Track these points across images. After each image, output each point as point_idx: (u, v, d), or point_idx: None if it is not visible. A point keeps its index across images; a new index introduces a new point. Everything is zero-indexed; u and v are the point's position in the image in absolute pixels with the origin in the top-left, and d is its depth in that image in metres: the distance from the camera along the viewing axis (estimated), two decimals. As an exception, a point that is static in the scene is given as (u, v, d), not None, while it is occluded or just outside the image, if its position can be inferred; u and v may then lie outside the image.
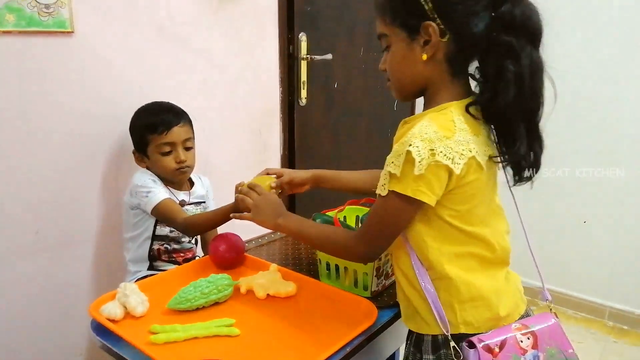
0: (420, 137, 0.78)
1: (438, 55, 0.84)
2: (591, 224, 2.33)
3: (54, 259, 1.41)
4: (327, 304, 1.07)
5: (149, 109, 1.35)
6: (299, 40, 1.94)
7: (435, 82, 0.86)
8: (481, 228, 0.87)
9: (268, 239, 1.48)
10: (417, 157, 0.78)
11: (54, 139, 1.35)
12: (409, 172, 0.79)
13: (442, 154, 0.78)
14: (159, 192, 1.29)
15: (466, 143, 0.81)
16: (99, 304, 1.01)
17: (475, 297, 0.87)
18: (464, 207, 0.85)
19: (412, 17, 0.82)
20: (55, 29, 1.28)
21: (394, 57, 0.88)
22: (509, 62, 0.79)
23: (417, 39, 0.83)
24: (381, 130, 2.55)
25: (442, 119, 0.81)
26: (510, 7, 0.79)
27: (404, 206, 0.83)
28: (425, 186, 0.80)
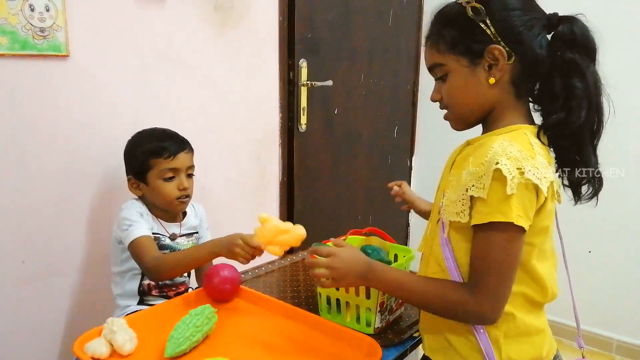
0: (505, 156, 0.75)
1: (504, 78, 0.83)
2: (597, 253, 2.28)
3: (40, 289, 1.34)
4: (328, 342, 1.01)
5: (153, 134, 1.30)
6: (300, 67, 1.92)
7: (501, 106, 0.85)
8: (546, 268, 0.84)
9: (265, 270, 1.42)
10: (508, 174, 0.73)
11: (45, 165, 1.30)
12: (499, 193, 0.74)
13: (530, 173, 0.74)
14: (140, 227, 1.22)
15: (546, 167, 0.78)
16: (84, 340, 0.95)
17: (523, 333, 0.83)
18: (538, 240, 0.81)
19: (475, 42, 0.82)
20: (50, 53, 1.25)
21: (454, 85, 0.86)
22: (576, 79, 0.79)
23: (480, 63, 0.83)
24: (381, 156, 2.53)
25: (520, 140, 0.79)
26: (569, 25, 0.80)
27: (509, 236, 0.76)
28: (521, 209, 0.74)
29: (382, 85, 2.41)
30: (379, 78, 2.37)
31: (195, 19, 1.59)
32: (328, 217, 1.34)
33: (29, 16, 1.19)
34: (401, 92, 2.59)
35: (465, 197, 0.78)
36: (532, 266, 0.81)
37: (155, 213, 1.29)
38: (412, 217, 2.80)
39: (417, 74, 2.63)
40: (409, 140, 2.71)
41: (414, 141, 2.73)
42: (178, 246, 1.30)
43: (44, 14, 1.22)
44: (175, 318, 1.04)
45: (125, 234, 1.20)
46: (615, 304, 2.27)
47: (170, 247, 1.29)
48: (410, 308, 1.17)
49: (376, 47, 2.33)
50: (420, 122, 2.73)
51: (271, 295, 1.21)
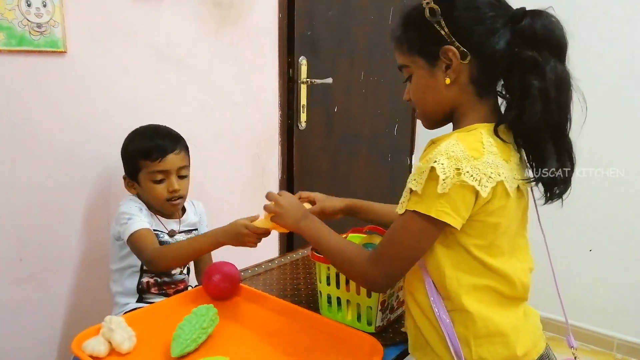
0: (446, 155, 0.75)
1: (462, 78, 0.82)
2: (597, 252, 2.27)
3: (38, 287, 1.33)
4: (328, 341, 1.00)
5: (143, 133, 1.28)
6: (299, 64, 1.91)
7: (462, 105, 0.85)
8: (503, 262, 0.82)
9: (265, 268, 1.41)
10: (441, 174, 0.74)
11: (42, 163, 1.29)
12: (431, 190, 0.75)
13: (468, 174, 0.74)
14: (139, 221, 1.21)
15: (495, 166, 0.77)
16: (82, 339, 0.94)
17: (493, 333, 0.82)
18: (487, 237, 0.80)
19: (430, 43, 0.82)
20: (47, 49, 1.24)
21: (417, 86, 0.87)
22: (533, 77, 0.77)
23: (437, 64, 0.82)
24: (381, 154, 2.52)
25: (470, 139, 0.78)
26: (530, 21, 0.78)
27: (425, 227, 0.78)
28: (449, 207, 0.75)
29: (382, 83, 2.40)
30: (379, 76, 2.36)
31: (194, 15, 1.57)
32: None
33: (26, 12, 1.18)
34: (401, 90, 2.56)
35: (406, 189, 0.80)
36: (486, 262, 0.81)
37: (153, 210, 1.28)
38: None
39: (417, 72, 2.62)
40: (409, 138, 2.70)
41: (414, 140, 2.72)
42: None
43: (41, 10, 1.20)
44: (174, 316, 1.03)
45: (124, 228, 1.19)
46: (616, 302, 2.26)
47: (169, 243, 1.28)
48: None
49: (376, 45, 2.32)
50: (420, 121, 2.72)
51: (271, 293, 1.20)
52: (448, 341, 0.81)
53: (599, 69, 2.12)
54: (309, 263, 1.44)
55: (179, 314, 1.09)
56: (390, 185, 2.63)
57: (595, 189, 2.17)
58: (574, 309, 2.32)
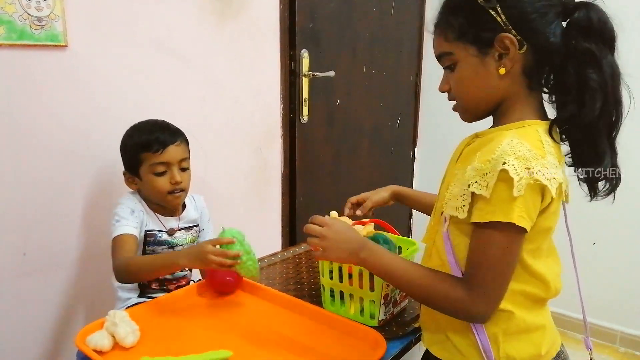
0: (513, 155, 0.71)
1: (515, 68, 0.79)
2: (601, 245, 2.27)
3: (42, 281, 1.34)
4: (331, 334, 1.00)
5: (142, 127, 1.27)
6: (301, 57, 1.90)
7: (511, 97, 0.81)
8: (543, 265, 0.81)
9: (268, 262, 1.41)
10: (515, 176, 0.70)
11: (43, 157, 1.29)
12: (504, 194, 0.71)
13: (540, 173, 0.71)
14: (126, 225, 1.19)
15: (555, 167, 0.75)
16: (86, 333, 0.95)
17: (522, 330, 0.81)
18: (537, 240, 0.78)
19: (485, 30, 0.78)
20: (48, 43, 1.23)
21: (463, 75, 0.82)
22: (591, 70, 0.75)
23: (490, 53, 0.79)
24: (384, 147, 2.51)
25: (530, 138, 0.75)
26: (586, 12, 0.76)
27: (511, 236, 0.73)
28: (524, 210, 0.72)
29: (385, 76, 2.39)
30: (381, 69, 2.35)
31: (195, 9, 1.56)
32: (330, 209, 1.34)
33: (26, 5, 1.17)
34: (404, 82, 2.56)
35: (466, 192, 0.76)
36: (530, 265, 0.79)
37: (152, 207, 1.27)
38: (414, 209, 2.78)
39: (420, 65, 2.61)
40: (411, 131, 2.69)
41: (416, 132, 2.71)
42: (176, 241, 1.28)
43: (41, 3, 1.20)
44: (178, 310, 1.03)
45: (112, 229, 1.19)
46: (619, 295, 2.26)
47: (168, 242, 1.27)
48: (414, 300, 1.16)
49: (378, 37, 2.30)
50: (423, 114, 2.71)
51: (274, 287, 1.20)
52: (476, 337, 0.79)
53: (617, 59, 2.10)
54: (312, 257, 1.44)
55: (183, 308, 1.09)
56: (393, 178, 2.62)
57: (598, 181, 2.16)
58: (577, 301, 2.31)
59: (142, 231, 1.24)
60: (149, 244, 1.25)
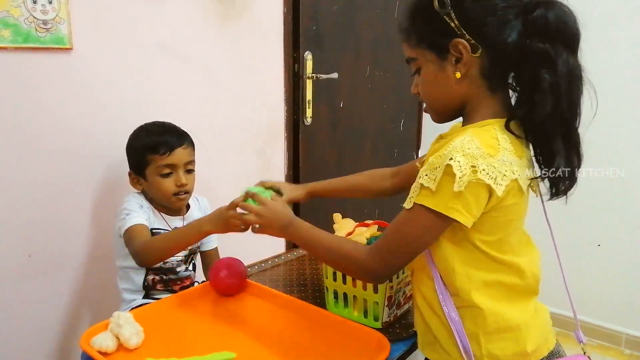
0: (462, 152, 0.73)
1: (472, 71, 0.79)
2: (607, 247, 2.26)
3: (47, 282, 1.34)
4: (335, 336, 1.00)
5: (150, 129, 1.28)
6: (305, 59, 1.90)
7: (473, 99, 0.82)
8: (513, 257, 0.82)
9: (271, 264, 1.41)
10: (458, 172, 0.72)
11: (49, 159, 1.30)
12: (446, 187, 0.73)
13: (484, 172, 0.72)
14: (137, 217, 1.19)
15: (509, 164, 0.75)
16: (91, 334, 0.95)
17: (503, 328, 0.81)
18: (498, 233, 0.79)
19: (439, 36, 0.79)
20: (53, 46, 1.24)
21: (425, 80, 0.84)
22: (544, 70, 0.74)
23: (447, 57, 0.79)
24: (387, 149, 2.51)
25: (485, 136, 0.76)
26: (544, 11, 0.75)
27: (432, 223, 0.76)
28: (461, 205, 0.74)
29: (388, 78, 2.39)
30: (385, 70, 2.35)
31: (198, 11, 1.57)
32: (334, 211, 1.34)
33: (32, 8, 1.18)
34: (407, 84, 2.55)
35: (416, 184, 0.77)
36: (496, 257, 0.80)
37: (157, 207, 1.28)
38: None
39: (423, 66, 2.60)
40: (415, 133, 2.68)
41: (420, 134, 2.71)
42: None
43: (47, 7, 1.20)
44: (182, 312, 1.03)
45: (122, 223, 1.19)
46: (625, 297, 2.24)
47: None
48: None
49: (381, 39, 2.30)
50: (426, 115, 2.70)
51: (277, 289, 1.20)
52: (457, 338, 0.80)
53: (608, 62, 2.10)
54: (316, 259, 1.44)
55: (187, 309, 1.10)
56: (397, 180, 2.61)
57: (604, 183, 2.15)
58: (582, 303, 2.30)
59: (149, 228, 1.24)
60: None
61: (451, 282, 0.81)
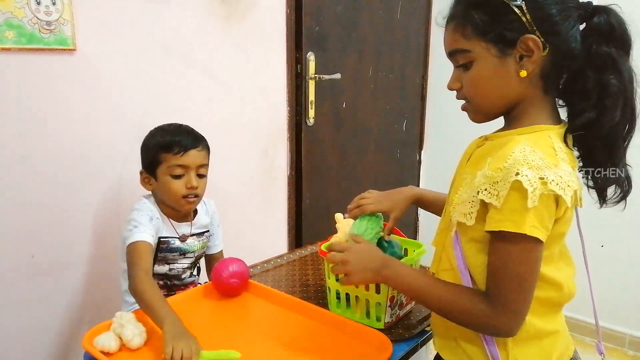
0: (527, 165, 0.69)
1: (535, 71, 0.76)
2: (609, 248, 2.25)
3: (50, 283, 1.35)
4: (338, 337, 1.00)
5: (166, 128, 1.27)
6: (307, 60, 1.90)
7: (526, 100, 0.79)
8: (555, 271, 0.80)
9: (274, 264, 1.42)
10: (529, 187, 0.68)
11: (53, 160, 1.30)
12: (517, 204, 0.69)
13: (554, 183, 0.70)
14: (143, 232, 1.15)
15: (569, 174, 0.73)
16: (93, 334, 0.95)
17: (532, 336, 0.80)
18: (552, 247, 0.77)
19: (509, 30, 0.74)
20: (57, 47, 1.25)
21: (480, 74, 0.78)
22: (611, 76, 0.73)
23: (511, 53, 0.75)
24: (390, 150, 2.51)
25: (542, 145, 0.73)
26: (606, 17, 0.74)
27: (527, 247, 0.71)
28: (538, 221, 0.70)
29: (391, 79, 2.39)
30: (388, 71, 2.35)
31: (202, 12, 1.57)
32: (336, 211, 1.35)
33: (35, 10, 1.19)
34: (410, 85, 2.56)
35: (475, 199, 0.74)
36: (549, 272, 0.79)
37: (165, 212, 1.26)
38: (421, 210, 2.77)
39: (426, 67, 2.60)
40: (417, 134, 2.68)
41: (422, 135, 2.71)
42: (188, 247, 1.28)
43: (50, 8, 1.21)
44: (183, 313, 1.03)
45: (128, 234, 1.17)
46: (628, 298, 2.24)
47: (180, 249, 1.27)
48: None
49: (384, 40, 2.30)
50: (429, 116, 2.71)
51: (280, 289, 1.20)
52: (484, 344, 0.78)
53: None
54: (318, 259, 1.44)
55: (189, 310, 1.10)
56: (399, 181, 2.61)
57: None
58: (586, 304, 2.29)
59: (156, 239, 1.23)
60: (161, 251, 1.25)
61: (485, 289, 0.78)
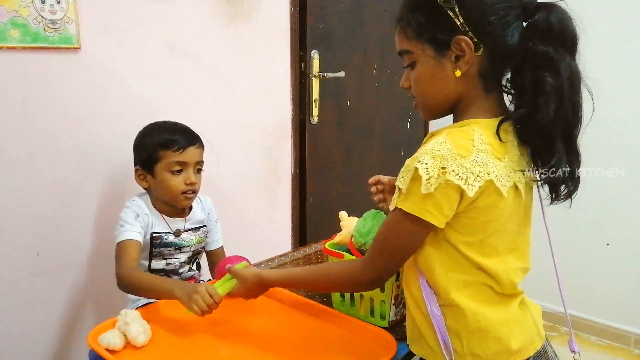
0: (431, 154, 0.73)
1: (471, 70, 0.78)
2: (615, 245, 2.24)
3: (55, 281, 1.35)
4: (342, 335, 1.00)
5: (163, 126, 1.28)
6: (311, 58, 1.90)
7: (467, 98, 0.81)
8: (493, 262, 0.80)
9: (278, 262, 1.42)
10: (424, 174, 0.73)
11: (58, 158, 1.31)
12: (415, 190, 0.74)
13: (454, 173, 0.72)
14: (130, 231, 1.19)
15: (484, 165, 0.74)
16: (98, 332, 0.96)
17: (484, 328, 0.80)
18: (476, 234, 0.78)
19: (442, 31, 0.77)
20: (62, 45, 1.25)
21: (421, 75, 0.82)
22: (547, 74, 0.74)
23: (447, 54, 0.78)
24: (394, 148, 2.50)
25: (459, 136, 0.76)
26: (545, 14, 0.75)
27: (411, 226, 0.77)
28: (433, 206, 0.74)
29: (395, 77, 2.38)
30: (392, 69, 2.34)
31: (206, 10, 1.57)
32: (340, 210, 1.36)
33: (40, 9, 1.19)
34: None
35: (395, 187, 0.78)
36: (475, 260, 0.79)
37: (159, 208, 1.27)
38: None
39: (430, 65, 2.59)
40: (421, 132, 2.67)
41: (427, 133, 2.68)
42: (183, 242, 1.29)
43: (55, 7, 1.21)
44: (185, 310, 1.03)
45: (116, 234, 1.20)
46: (635, 296, 2.22)
47: (175, 243, 1.27)
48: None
49: (388, 38, 2.28)
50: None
51: (284, 287, 1.20)
52: (438, 334, 0.80)
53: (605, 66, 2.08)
54: (322, 257, 1.44)
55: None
56: (403, 179, 2.60)
57: (613, 182, 2.13)
58: (591, 303, 2.29)
59: (148, 234, 1.24)
60: (155, 246, 1.25)
61: (432, 282, 0.81)
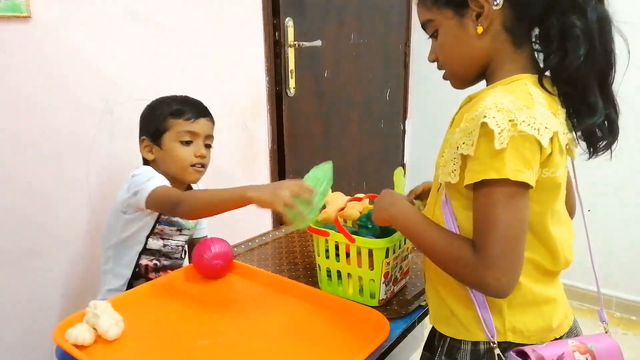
0: (495, 108, 0.67)
1: (494, 25, 0.75)
2: (596, 211, 2.24)
3: (16, 273, 1.25)
4: (331, 316, 0.94)
5: (175, 97, 1.23)
6: (286, 26, 1.80)
7: (497, 56, 0.77)
8: (554, 233, 0.76)
9: (259, 242, 1.35)
10: (495, 127, 0.66)
11: (12, 136, 1.20)
12: (486, 148, 0.66)
13: (525, 123, 0.66)
14: (160, 180, 1.12)
15: (548, 117, 0.69)
16: (65, 326, 0.88)
17: (530, 302, 0.76)
18: (547, 201, 0.73)
19: None
20: (9, 14, 1.14)
21: (445, 41, 0.79)
22: (574, 17, 0.70)
23: (467, 13, 0.75)
24: (373, 120, 2.45)
25: (517, 90, 0.71)
26: None
27: (511, 193, 0.67)
28: (520, 162, 0.66)
29: (373, 46, 2.30)
30: (370, 38, 2.26)
31: (170, -26, 1.46)
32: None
33: (-19, -29, 1.07)
34: (393, 52, 2.48)
35: (456, 155, 0.72)
36: (546, 231, 0.74)
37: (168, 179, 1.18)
38: (407, 182, 2.73)
39: (409, 34, 2.52)
40: (401, 103, 2.62)
41: (406, 104, 2.64)
42: (185, 223, 1.23)
43: (-2, -31, 1.09)
44: (163, 298, 0.97)
45: (144, 185, 1.09)
46: (615, 262, 2.24)
47: (179, 224, 1.21)
48: (415, 277, 1.11)
49: (365, 5, 2.21)
50: (413, 84, 2.63)
51: (267, 268, 1.14)
52: (478, 310, 0.75)
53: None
54: (306, 235, 1.38)
55: (170, 295, 1.03)
56: (384, 151, 2.56)
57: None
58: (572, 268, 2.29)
59: None
60: (160, 222, 1.19)
61: None
